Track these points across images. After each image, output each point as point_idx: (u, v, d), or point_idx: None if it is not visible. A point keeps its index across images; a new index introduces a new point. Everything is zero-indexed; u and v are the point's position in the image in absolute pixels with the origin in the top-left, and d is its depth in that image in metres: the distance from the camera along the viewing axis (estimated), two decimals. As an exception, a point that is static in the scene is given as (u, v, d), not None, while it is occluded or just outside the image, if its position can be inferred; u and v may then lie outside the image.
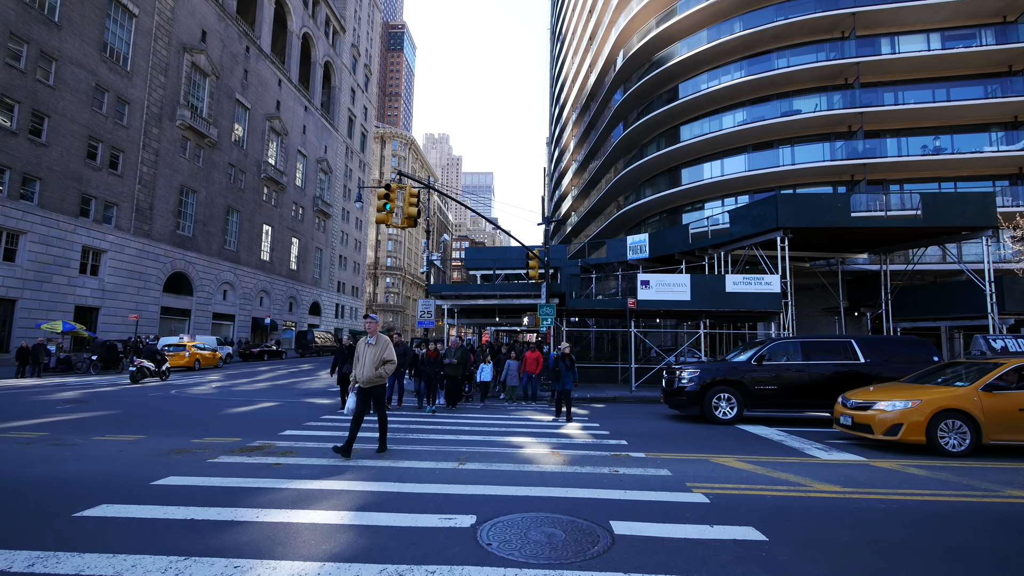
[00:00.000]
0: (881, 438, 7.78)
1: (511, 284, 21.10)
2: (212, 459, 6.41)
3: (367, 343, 6.83)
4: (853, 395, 8.69)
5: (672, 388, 11.40)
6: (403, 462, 6.46)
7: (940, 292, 21.67)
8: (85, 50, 28.99)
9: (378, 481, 5.50)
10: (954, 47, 27.70)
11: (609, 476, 5.93)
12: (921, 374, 9.21)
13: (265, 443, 7.57)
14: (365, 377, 6.66)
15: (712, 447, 7.97)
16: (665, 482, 5.68)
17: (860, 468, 6.59)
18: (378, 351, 6.74)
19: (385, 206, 13.45)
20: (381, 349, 6.75)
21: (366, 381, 6.67)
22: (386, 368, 6.74)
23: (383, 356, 6.73)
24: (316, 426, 9.40)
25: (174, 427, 8.99)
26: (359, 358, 6.78)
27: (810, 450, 7.82)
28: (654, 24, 35.02)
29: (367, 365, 6.67)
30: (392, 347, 6.89)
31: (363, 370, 6.69)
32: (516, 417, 11.30)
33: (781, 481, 5.81)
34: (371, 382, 6.70)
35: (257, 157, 45.98)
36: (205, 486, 5.20)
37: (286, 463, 6.28)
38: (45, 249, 26.90)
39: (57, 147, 27.40)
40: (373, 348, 6.76)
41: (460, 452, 7.19)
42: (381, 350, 6.75)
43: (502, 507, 4.68)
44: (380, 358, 6.71)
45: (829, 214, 18.27)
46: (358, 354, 6.84)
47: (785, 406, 10.84)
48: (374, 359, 6.70)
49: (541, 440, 8.35)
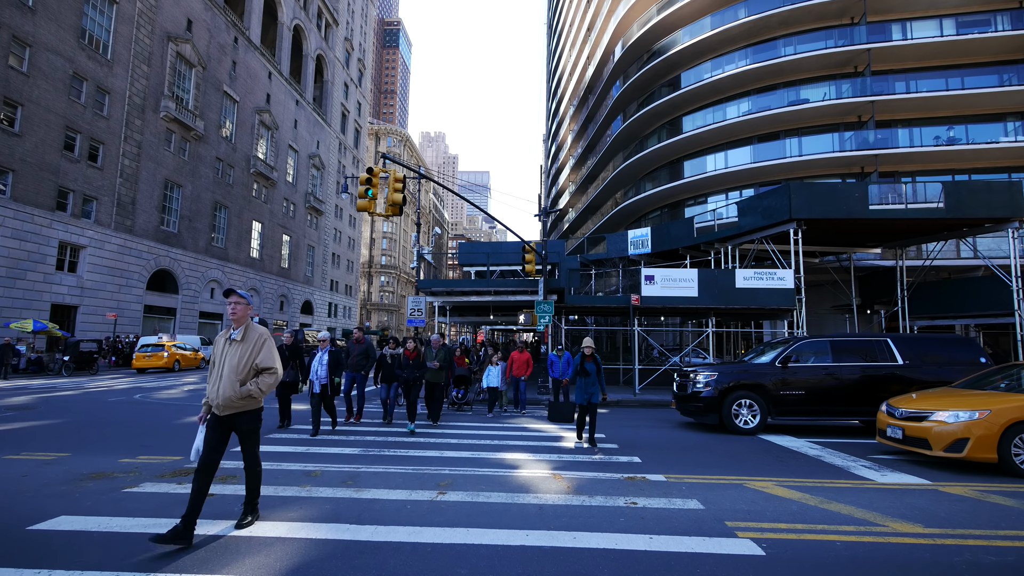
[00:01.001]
0: (941, 455, 6.58)
1: (506, 280, 19.86)
2: (131, 487, 5.17)
3: (228, 339, 4.13)
4: (899, 403, 7.49)
5: (686, 393, 10.18)
6: (368, 491, 5.22)
7: (960, 288, 20.50)
8: (62, 36, 27.61)
9: (329, 523, 4.27)
10: (968, 33, 26.54)
11: (626, 510, 4.71)
12: (976, 378, 8.02)
13: (209, 464, 6.33)
14: (222, 398, 3.94)
15: (741, 466, 6.76)
16: (698, 520, 4.47)
17: (931, 496, 5.38)
18: (245, 354, 4.05)
19: (367, 192, 12.21)
20: (252, 350, 4.08)
21: (223, 405, 3.96)
22: (262, 383, 4.06)
23: (256, 361, 4.07)
24: (278, 439, 8.15)
25: (113, 441, 7.74)
26: (214, 364, 4.11)
27: (858, 469, 6.61)
28: (655, 12, 33.81)
29: (225, 377, 3.97)
30: (273, 346, 4.23)
31: (219, 386, 3.97)
32: (510, 427, 10.07)
33: (843, 517, 4.60)
34: (231, 407, 3.98)
35: (246, 151, 44.58)
36: (98, 532, 3.96)
37: (220, 493, 5.04)
38: (18, 244, 25.52)
39: (31, 137, 26.02)
40: (238, 348, 4.06)
41: (441, 476, 5.94)
42: (252, 351, 4.07)
43: (488, 569, 3.45)
44: (249, 365, 4.05)
45: (846, 205, 17.08)
46: (214, 357, 4.15)
47: (813, 413, 9.63)
48: (237, 367, 4.01)
49: (540, 458, 7.12)
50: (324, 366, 8.82)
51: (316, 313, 58.88)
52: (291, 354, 9.25)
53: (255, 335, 4.15)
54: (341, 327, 64.77)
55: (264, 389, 4.09)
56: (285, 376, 9.06)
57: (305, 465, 6.34)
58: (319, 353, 9.01)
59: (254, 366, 4.08)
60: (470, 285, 18.89)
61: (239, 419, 4.08)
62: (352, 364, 10.15)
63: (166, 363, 23.80)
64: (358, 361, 10.19)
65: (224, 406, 3.97)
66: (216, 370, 4.07)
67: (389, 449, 7.49)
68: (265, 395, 4.14)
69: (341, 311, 67.60)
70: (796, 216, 16.91)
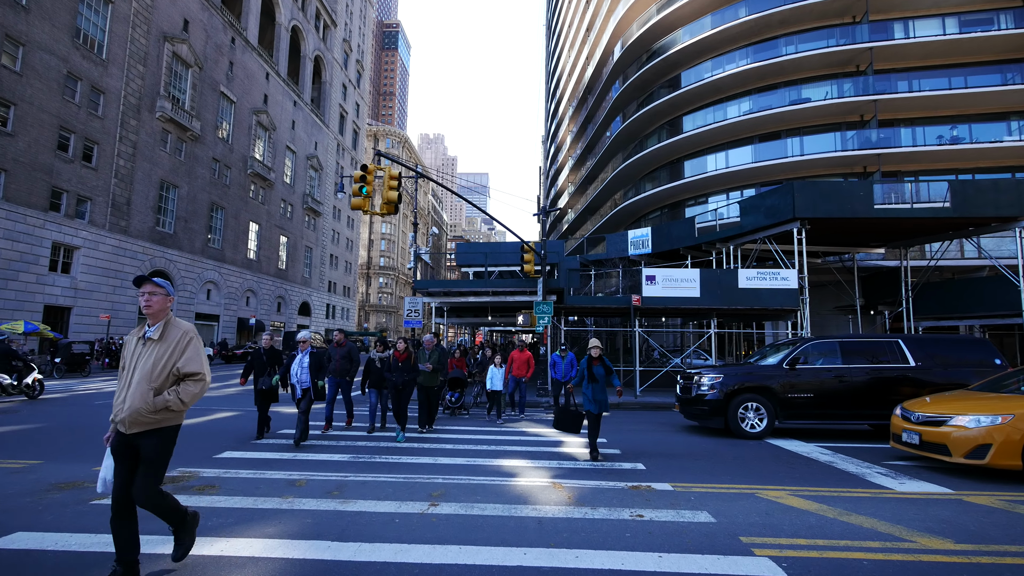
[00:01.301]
0: (961, 461, 6.24)
1: (505, 280, 19.52)
2: (98, 499, 4.81)
3: (142, 338, 3.26)
4: (915, 407, 7.15)
5: (690, 396, 9.84)
6: (355, 503, 4.87)
7: (965, 289, 20.18)
8: (56, 35, 27.30)
9: (309, 540, 3.91)
10: (971, 32, 26.27)
11: (632, 524, 4.36)
12: (994, 380, 7.68)
13: (187, 471, 5.97)
14: (129, 411, 3.08)
15: (751, 473, 6.41)
16: (710, 535, 4.12)
17: (956, 507, 5.04)
18: (163, 356, 3.18)
19: (361, 189, 11.86)
20: (172, 351, 3.21)
21: (131, 421, 3.09)
22: (184, 393, 3.18)
23: (178, 365, 3.21)
24: (265, 445, 7.80)
25: (90, 447, 7.38)
26: (123, 369, 3.26)
27: (874, 477, 6.27)
28: (654, 11, 33.54)
29: (135, 386, 3.12)
30: (201, 347, 3.36)
31: (126, 396, 3.12)
32: (508, 432, 9.72)
33: (867, 531, 4.26)
34: (140, 422, 3.11)
35: (243, 152, 44.26)
36: (54, 552, 3.62)
37: (195, 505, 4.68)
38: (11, 245, 25.15)
39: (24, 137, 25.68)
40: (155, 348, 3.19)
41: (434, 485, 5.59)
42: (172, 353, 3.21)
43: (480, 591, 3.11)
44: (168, 370, 3.18)
45: (850, 204, 16.77)
46: (123, 361, 3.30)
47: (822, 417, 9.28)
48: (152, 372, 3.13)
49: (539, 465, 6.77)
50: (305, 369, 8.07)
51: (314, 315, 58.50)
52: (269, 359, 8.50)
53: (177, 333, 3.25)
54: (340, 328, 64.34)
55: (186, 400, 3.18)
56: (262, 384, 8.32)
57: (290, 474, 5.99)
58: (299, 355, 8.24)
59: (174, 371, 3.20)
60: (468, 285, 18.55)
61: (146, 440, 3.11)
62: (335, 369, 9.30)
63: (159, 365, 23.35)
64: (341, 366, 9.38)
65: (132, 422, 3.06)
66: (125, 377, 3.19)
67: (380, 456, 7.14)
68: (188, 407, 3.25)
69: (339, 312, 67.22)
70: (800, 215, 16.60)
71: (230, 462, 6.56)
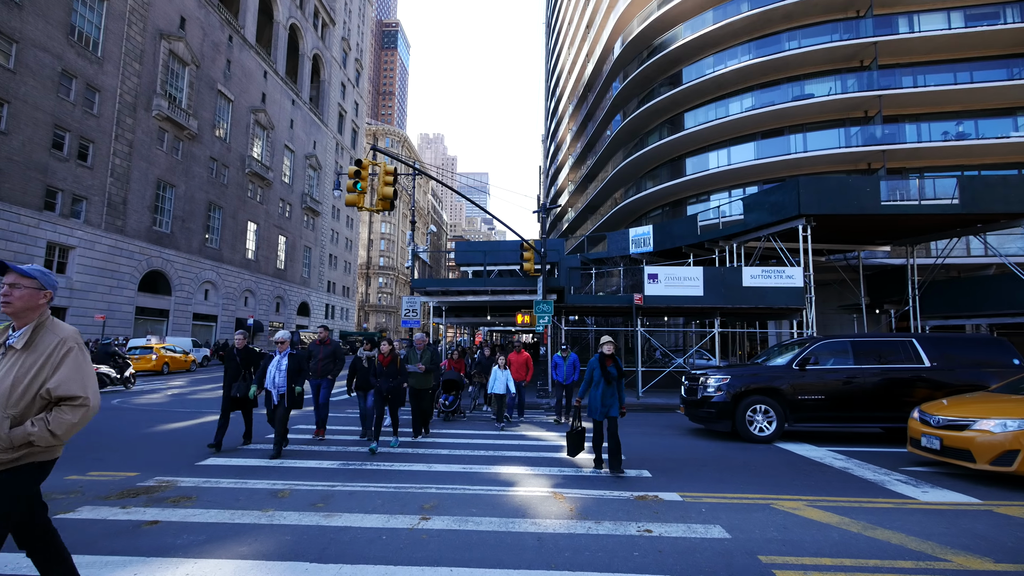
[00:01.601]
0: (987, 468, 5.89)
1: (504, 279, 19.17)
2: (64, 513, 4.45)
3: (2, 346, 2.40)
4: (934, 410, 6.80)
5: (695, 398, 9.48)
6: (340, 516, 4.52)
7: (973, 287, 19.81)
8: (50, 32, 26.96)
9: (286, 560, 3.57)
10: (977, 26, 25.88)
11: (640, 541, 4.01)
12: (1015, 382, 7.32)
13: (165, 480, 5.62)
14: None
15: (763, 481, 6.05)
16: (727, 554, 3.77)
17: (988, 520, 4.69)
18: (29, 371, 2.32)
19: (356, 185, 11.51)
20: (42, 364, 2.34)
21: None
22: (55, 423, 2.29)
23: (49, 386, 2.33)
24: (249, 451, 7.45)
25: (67, 452, 7.02)
26: None
27: (894, 485, 5.91)
28: (655, 7, 33.16)
29: None
30: (85, 360, 2.44)
31: None
32: (506, 437, 9.36)
33: (896, 548, 3.91)
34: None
35: (241, 151, 43.91)
36: (2, 576, 3.28)
37: (167, 520, 4.33)
38: (4, 245, 24.82)
39: (18, 135, 25.35)
40: (17, 360, 2.33)
41: (427, 496, 5.24)
42: (40, 367, 2.34)
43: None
44: (34, 390, 2.32)
45: (857, 200, 16.40)
46: None
47: (834, 419, 8.93)
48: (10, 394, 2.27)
49: (539, 472, 6.41)
50: (283, 372, 7.30)
51: (313, 315, 58.18)
52: (244, 361, 7.71)
53: (51, 341, 2.38)
54: (339, 329, 64.07)
55: (59, 433, 2.30)
56: (235, 390, 7.53)
57: (274, 483, 5.64)
58: (277, 358, 7.48)
59: (43, 393, 2.32)
60: (467, 284, 18.21)
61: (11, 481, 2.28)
62: (317, 369, 8.58)
63: (154, 366, 23.08)
64: (324, 365, 8.60)
65: None
66: None
67: (372, 463, 6.78)
68: (63, 442, 2.38)
69: (339, 312, 66.88)
70: (805, 212, 16.24)
71: (212, 470, 6.20)
